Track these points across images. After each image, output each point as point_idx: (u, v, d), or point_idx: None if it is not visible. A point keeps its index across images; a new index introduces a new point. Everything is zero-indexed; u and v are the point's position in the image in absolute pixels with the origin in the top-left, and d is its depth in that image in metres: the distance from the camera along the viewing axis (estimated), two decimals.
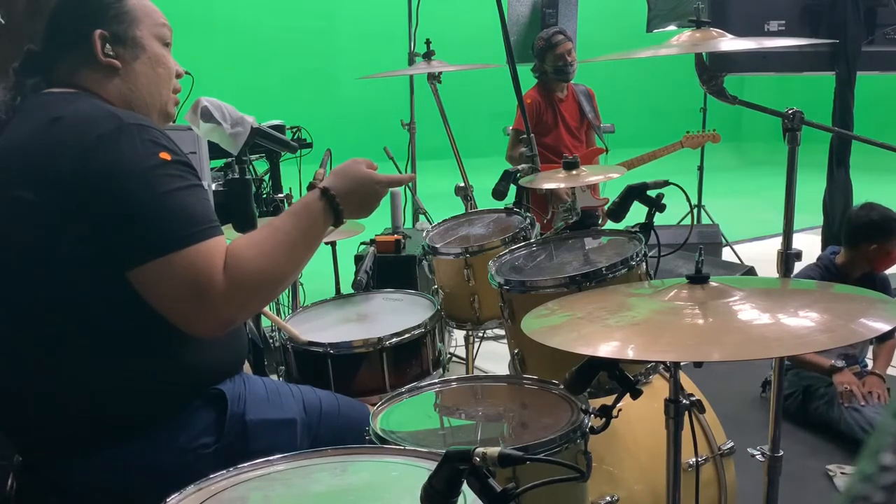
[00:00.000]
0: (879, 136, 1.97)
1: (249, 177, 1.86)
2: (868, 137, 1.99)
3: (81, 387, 1.33)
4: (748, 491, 2.08)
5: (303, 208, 1.43)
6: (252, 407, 1.48)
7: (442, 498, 0.90)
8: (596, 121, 4.32)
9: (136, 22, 1.45)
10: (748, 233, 6.52)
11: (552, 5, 4.76)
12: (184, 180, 1.30)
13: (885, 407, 3.05)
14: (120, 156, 1.26)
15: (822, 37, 3.22)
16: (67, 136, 1.28)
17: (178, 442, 1.38)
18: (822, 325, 1.11)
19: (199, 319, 1.27)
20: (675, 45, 1.81)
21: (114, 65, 1.43)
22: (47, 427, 1.36)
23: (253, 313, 1.35)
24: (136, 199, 1.25)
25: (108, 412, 1.35)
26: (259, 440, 1.45)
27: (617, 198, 1.93)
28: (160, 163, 1.27)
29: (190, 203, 1.28)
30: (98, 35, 1.41)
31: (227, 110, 1.75)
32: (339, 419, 1.61)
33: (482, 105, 7.66)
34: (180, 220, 1.26)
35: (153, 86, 1.48)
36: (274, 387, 1.60)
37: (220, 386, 1.46)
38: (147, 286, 1.27)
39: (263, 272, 1.31)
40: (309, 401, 1.60)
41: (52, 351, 1.32)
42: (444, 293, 2.24)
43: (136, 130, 1.29)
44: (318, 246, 1.45)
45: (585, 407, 1.41)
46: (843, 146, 3.71)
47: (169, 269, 1.24)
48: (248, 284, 1.29)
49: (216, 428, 1.42)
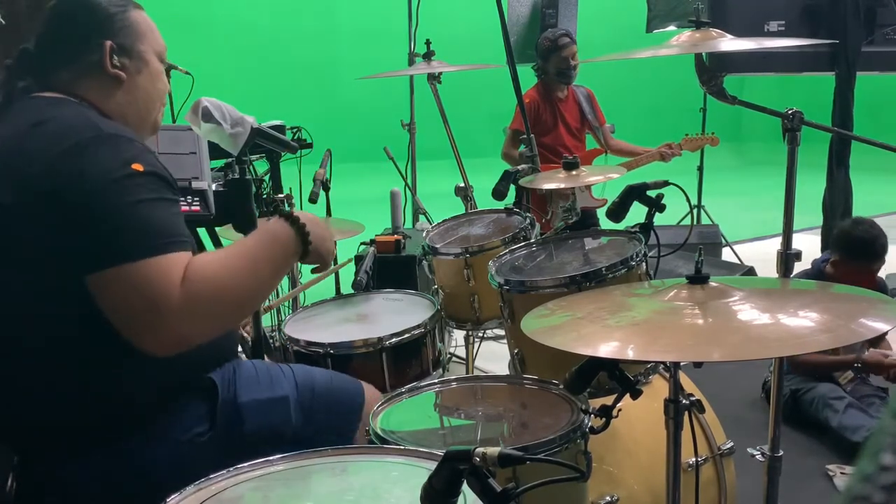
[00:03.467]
0: (879, 136, 1.97)
1: (249, 177, 1.86)
2: (868, 137, 1.99)
3: (72, 386, 1.33)
4: (748, 491, 2.08)
5: (269, 232, 1.41)
6: (243, 389, 1.49)
7: (442, 498, 0.90)
8: (597, 122, 4.32)
9: (141, 36, 1.46)
10: (748, 233, 6.51)
11: (552, 5, 4.75)
12: (154, 192, 1.29)
13: (885, 407, 3.05)
14: (92, 163, 1.26)
15: (822, 37, 3.22)
16: (45, 140, 1.29)
17: (172, 434, 1.38)
18: (821, 325, 1.11)
19: (149, 335, 1.23)
20: (674, 46, 1.81)
21: (120, 76, 1.43)
22: (41, 428, 1.37)
23: (209, 334, 1.28)
24: (100, 205, 1.24)
25: (101, 410, 1.35)
26: (253, 421, 1.46)
27: (617, 198, 1.93)
28: (131, 173, 1.27)
29: (156, 216, 1.27)
30: (109, 46, 1.41)
31: (227, 110, 1.75)
32: (330, 394, 1.62)
33: (482, 105, 7.65)
34: (142, 231, 1.25)
35: (150, 101, 1.50)
36: (264, 367, 1.61)
37: (210, 374, 1.47)
38: (101, 294, 1.25)
39: (222, 287, 1.27)
40: (301, 379, 1.61)
41: (40, 352, 1.32)
42: (444, 293, 2.25)
43: (114, 141, 1.30)
44: (283, 274, 1.45)
45: (585, 407, 1.41)
46: (843, 146, 3.71)
47: (123, 279, 1.22)
48: (204, 298, 1.25)
49: (209, 416, 1.43)
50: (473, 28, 6.69)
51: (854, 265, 3.06)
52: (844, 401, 3.05)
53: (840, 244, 3.11)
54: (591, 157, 4.34)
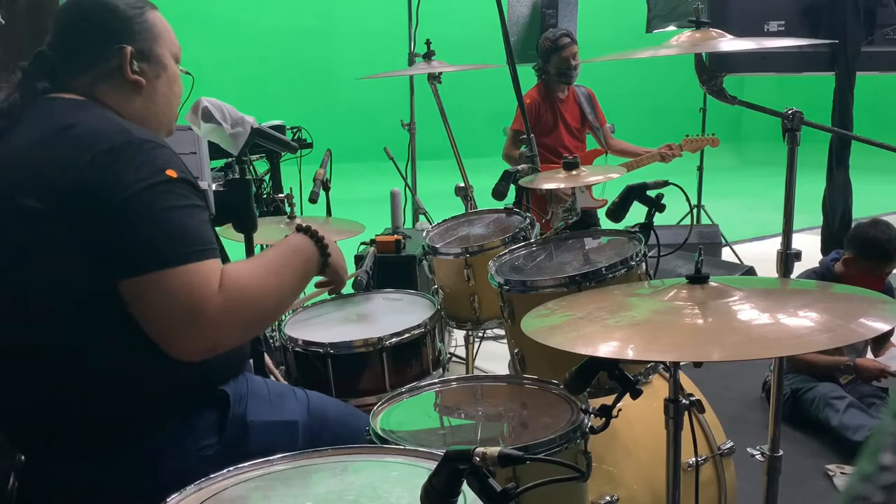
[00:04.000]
0: (879, 136, 1.97)
1: (249, 177, 1.86)
2: (868, 137, 1.99)
3: (85, 390, 1.33)
4: (748, 491, 2.08)
5: (290, 245, 1.47)
6: (253, 408, 1.48)
7: (442, 498, 0.90)
8: (597, 122, 4.32)
9: (159, 39, 1.44)
10: (748, 233, 6.52)
11: (552, 5, 4.75)
12: (187, 199, 1.29)
13: (885, 407, 3.05)
14: (126, 169, 1.25)
15: (822, 37, 3.21)
16: (77, 145, 1.27)
17: (182, 444, 1.38)
18: (821, 325, 1.11)
19: (186, 339, 1.25)
20: (674, 46, 1.81)
21: (140, 83, 1.42)
22: (51, 430, 1.36)
23: (238, 340, 1.32)
24: (136, 211, 1.24)
25: (112, 415, 1.34)
26: (260, 441, 1.44)
27: (617, 198, 1.93)
28: (165, 179, 1.27)
29: (190, 223, 1.28)
30: (129, 51, 1.40)
31: (227, 110, 1.75)
32: (343, 427, 1.60)
33: (482, 105, 7.66)
34: (179, 238, 1.25)
35: (169, 105, 1.49)
36: (277, 388, 1.60)
37: (224, 386, 1.45)
38: (138, 299, 1.25)
39: (254, 296, 1.31)
40: (315, 405, 1.60)
41: (54, 355, 1.32)
42: (444, 293, 2.25)
43: (146, 146, 1.29)
44: (305, 285, 1.49)
45: (585, 407, 1.41)
46: (842, 146, 3.70)
47: (163, 285, 1.23)
48: (239, 305, 1.28)
49: (218, 428, 1.42)
50: (473, 28, 6.68)
51: (866, 264, 3.07)
52: (845, 400, 3.05)
53: (856, 242, 3.12)
54: (591, 157, 4.34)
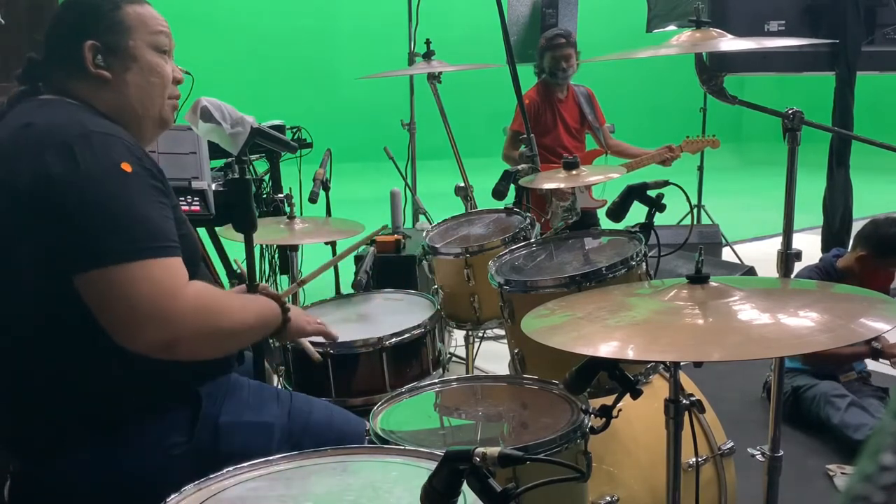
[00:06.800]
0: (879, 136, 1.97)
1: (249, 177, 1.85)
2: (868, 137, 1.99)
3: (50, 389, 1.33)
4: (748, 491, 2.08)
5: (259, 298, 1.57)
6: (228, 408, 1.47)
7: (442, 498, 0.90)
8: (597, 122, 4.32)
9: (130, 31, 1.43)
10: (748, 233, 6.52)
11: (552, 5, 4.76)
12: (144, 194, 1.29)
13: (885, 407, 3.05)
14: (80, 161, 1.25)
15: (822, 37, 3.21)
16: (33, 141, 1.28)
17: (150, 442, 1.37)
18: (822, 325, 1.11)
19: (147, 331, 1.23)
20: (675, 45, 1.81)
21: (103, 76, 1.42)
22: (17, 429, 1.37)
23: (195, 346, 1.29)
24: (90, 204, 1.24)
25: (78, 413, 1.35)
26: (230, 441, 1.44)
27: (617, 198, 1.93)
28: (120, 172, 1.27)
29: (152, 216, 1.28)
30: (88, 46, 1.40)
31: (227, 110, 1.74)
32: (329, 431, 1.58)
33: (482, 105, 7.65)
34: (140, 231, 1.25)
35: (145, 96, 1.46)
36: (258, 389, 1.59)
37: (199, 387, 1.45)
38: (96, 293, 1.24)
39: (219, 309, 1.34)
40: (298, 408, 1.59)
41: (26, 353, 1.32)
42: (444, 293, 2.24)
43: (100, 139, 1.29)
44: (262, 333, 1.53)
45: (585, 407, 1.41)
46: (843, 146, 3.71)
47: (126, 278, 1.22)
48: (208, 309, 1.30)
49: (188, 428, 1.41)
50: (473, 28, 6.68)
51: (880, 262, 3.07)
52: (846, 399, 3.05)
53: (871, 240, 3.10)
54: (590, 157, 4.34)
